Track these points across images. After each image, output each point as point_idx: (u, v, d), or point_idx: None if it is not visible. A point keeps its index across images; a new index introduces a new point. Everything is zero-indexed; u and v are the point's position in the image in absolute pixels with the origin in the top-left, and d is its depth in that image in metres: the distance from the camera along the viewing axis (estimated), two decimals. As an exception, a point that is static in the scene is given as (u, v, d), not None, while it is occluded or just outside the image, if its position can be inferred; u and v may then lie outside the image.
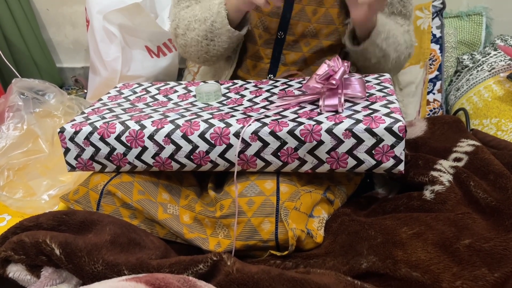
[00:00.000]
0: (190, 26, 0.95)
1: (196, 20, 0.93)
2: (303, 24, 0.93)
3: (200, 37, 0.94)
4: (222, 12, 0.89)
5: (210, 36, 0.93)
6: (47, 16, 1.70)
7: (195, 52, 0.99)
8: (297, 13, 0.93)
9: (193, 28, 0.95)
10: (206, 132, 0.73)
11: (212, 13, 0.90)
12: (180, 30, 0.98)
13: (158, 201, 0.77)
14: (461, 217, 0.68)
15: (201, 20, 0.92)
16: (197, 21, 0.93)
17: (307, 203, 0.73)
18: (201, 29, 0.93)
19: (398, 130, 0.69)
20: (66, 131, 0.78)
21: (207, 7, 0.91)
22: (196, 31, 0.94)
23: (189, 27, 0.96)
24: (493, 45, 1.28)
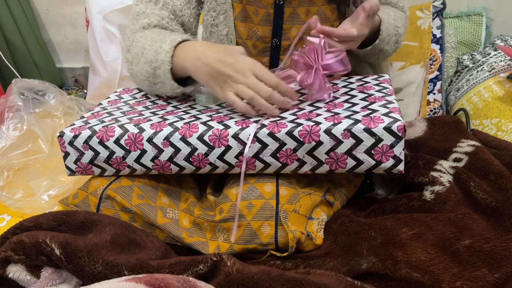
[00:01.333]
0: (137, 59, 0.84)
1: (143, 55, 0.83)
2: (297, 27, 0.91)
3: (143, 76, 0.85)
4: (166, 63, 0.79)
5: (152, 80, 0.84)
6: (47, 16, 1.71)
7: (139, 84, 0.90)
8: (289, 17, 0.90)
9: (138, 62, 0.84)
10: (205, 134, 0.73)
11: (157, 58, 0.80)
12: (129, 56, 0.88)
13: (158, 205, 0.77)
14: (461, 217, 0.68)
15: (147, 60, 0.82)
16: (143, 57, 0.83)
17: (307, 205, 0.73)
18: (145, 69, 0.83)
19: (397, 129, 0.68)
20: (66, 135, 0.78)
21: (154, 50, 0.80)
22: (140, 66, 0.84)
23: (136, 60, 0.85)
24: (493, 46, 1.28)
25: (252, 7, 0.90)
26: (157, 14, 0.88)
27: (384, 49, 0.92)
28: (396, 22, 0.93)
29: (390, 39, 0.91)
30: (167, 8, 0.89)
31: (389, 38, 0.91)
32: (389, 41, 0.91)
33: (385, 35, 0.88)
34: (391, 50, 0.95)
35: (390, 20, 0.91)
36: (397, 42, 0.95)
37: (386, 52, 0.94)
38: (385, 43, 0.90)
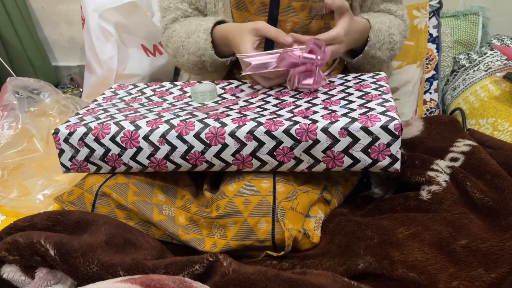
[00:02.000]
0: (179, 52, 0.96)
1: (184, 48, 0.94)
2: (292, 21, 0.92)
3: (190, 64, 0.96)
4: (208, 49, 0.90)
5: (200, 65, 0.94)
6: (42, 14, 1.69)
7: (187, 71, 1.01)
8: (285, 9, 0.91)
9: (182, 54, 0.95)
10: (201, 132, 0.73)
11: (199, 47, 0.91)
12: (169, 50, 1.00)
13: (154, 202, 0.77)
14: (457, 217, 0.68)
15: (190, 51, 0.93)
16: (185, 50, 0.94)
17: (304, 203, 0.73)
18: (191, 59, 0.94)
19: (394, 128, 0.68)
20: (61, 132, 0.77)
21: (194, 41, 0.91)
22: (185, 57, 0.95)
23: (178, 52, 0.96)
24: (490, 45, 1.28)
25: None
26: (180, 7, 0.99)
27: (376, 55, 0.92)
28: (391, 29, 0.93)
29: (382, 46, 0.92)
30: (184, 0, 0.99)
31: (380, 44, 0.91)
32: (380, 47, 0.92)
33: (374, 41, 0.90)
34: (386, 57, 0.95)
35: (383, 27, 0.91)
36: (392, 49, 0.95)
37: (380, 60, 0.94)
38: (376, 49, 0.91)
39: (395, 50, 0.96)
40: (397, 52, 0.98)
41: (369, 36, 0.89)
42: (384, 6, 0.99)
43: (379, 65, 0.96)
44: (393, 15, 0.99)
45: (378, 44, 0.91)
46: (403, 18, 1.00)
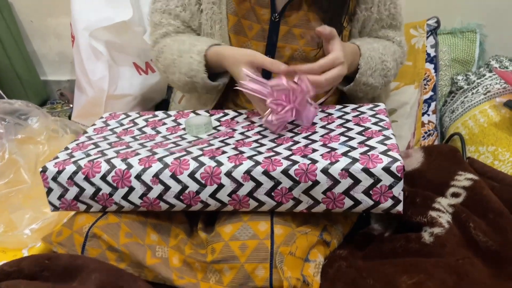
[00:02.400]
0: (170, 69, 0.93)
1: (176, 66, 0.91)
2: (291, 47, 0.90)
3: (181, 83, 0.92)
4: (201, 72, 0.87)
5: (191, 85, 0.91)
6: (31, 28, 1.66)
7: (177, 88, 0.99)
8: (284, 35, 0.89)
9: (173, 71, 0.92)
10: (196, 172, 0.70)
11: (191, 69, 0.88)
12: (160, 66, 0.97)
13: (147, 244, 0.74)
14: (461, 263, 0.66)
15: (181, 71, 0.90)
16: (177, 67, 0.90)
17: (303, 246, 0.71)
18: (182, 79, 0.91)
19: (396, 170, 0.66)
20: (49, 171, 0.74)
21: (186, 62, 0.88)
22: (176, 76, 0.92)
23: (169, 70, 0.93)
24: (488, 66, 1.26)
25: (247, 22, 0.90)
26: (172, 24, 0.95)
27: (368, 82, 0.90)
28: (384, 56, 0.91)
29: (374, 73, 0.90)
30: (178, 18, 0.95)
31: (372, 71, 0.89)
32: (372, 74, 0.89)
33: (365, 68, 0.88)
34: (379, 84, 0.92)
35: (374, 55, 0.89)
36: (386, 76, 0.93)
37: (373, 87, 0.92)
38: (368, 76, 0.89)
39: (389, 76, 0.94)
40: (391, 78, 0.96)
41: (359, 64, 0.87)
42: (382, 33, 0.97)
43: (372, 91, 0.93)
44: (390, 41, 0.97)
45: (370, 71, 0.89)
46: (401, 45, 0.98)
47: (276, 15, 0.89)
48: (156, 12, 0.96)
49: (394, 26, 0.97)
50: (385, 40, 0.97)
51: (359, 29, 0.95)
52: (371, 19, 0.93)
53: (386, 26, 0.96)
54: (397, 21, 0.97)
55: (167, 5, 0.94)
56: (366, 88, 0.91)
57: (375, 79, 0.91)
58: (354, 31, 0.94)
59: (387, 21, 0.95)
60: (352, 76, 0.89)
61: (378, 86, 0.93)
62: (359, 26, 0.94)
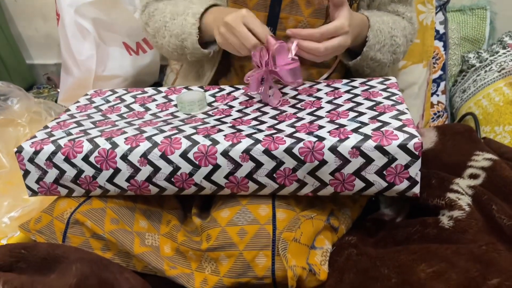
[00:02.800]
0: (160, 32, 0.86)
1: (167, 29, 0.84)
2: (294, 18, 0.82)
3: (170, 48, 0.86)
4: (193, 34, 0.80)
5: (180, 51, 0.85)
6: (15, 8, 1.57)
7: (166, 54, 0.92)
8: (288, 5, 0.82)
9: (163, 35, 0.86)
10: (189, 151, 0.63)
11: (183, 31, 0.81)
12: (150, 29, 0.90)
13: (135, 231, 0.67)
14: (485, 250, 0.59)
15: (172, 33, 0.84)
16: (167, 31, 0.84)
17: (309, 232, 0.64)
18: (172, 41, 0.85)
19: (414, 147, 0.59)
20: (24, 151, 0.67)
21: (179, 24, 0.82)
22: (166, 39, 0.86)
23: (159, 33, 0.87)
24: (501, 43, 1.19)
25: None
26: None
27: (376, 58, 0.84)
28: (394, 31, 0.85)
29: (383, 48, 0.83)
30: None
31: (380, 46, 0.83)
32: (381, 49, 0.83)
33: (374, 42, 0.81)
34: (387, 60, 0.86)
35: (384, 27, 0.83)
36: (395, 52, 0.87)
37: (381, 63, 0.86)
38: (376, 51, 0.83)
39: (398, 53, 0.88)
40: (400, 56, 0.90)
41: (367, 36, 0.81)
42: (391, 7, 0.91)
43: (379, 68, 0.87)
44: (400, 17, 0.90)
45: (378, 45, 0.82)
46: (411, 21, 0.92)
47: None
48: None
49: (405, 1, 0.91)
50: (394, 15, 0.90)
51: (368, 2, 0.89)
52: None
53: (396, 0, 0.90)
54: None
55: None
56: (373, 64, 0.85)
57: (384, 54, 0.84)
58: (363, 4, 0.88)
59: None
60: (359, 50, 0.82)
61: (386, 62, 0.87)
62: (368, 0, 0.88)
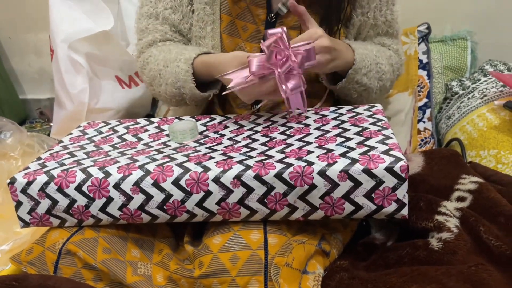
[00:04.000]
0: (156, 81, 0.87)
1: (162, 77, 0.85)
2: None
3: (168, 95, 0.86)
4: (189, 82, 0.81)
5: (179, 97, 0.85)
6: (9, 45, 1.60)
7: (164, 101, 0.91)
8: None
9: (159, 83, 0.86)
10: (181, 178, 0.64)
11: (178, 79, 0.82)
12: (145, 78, 0.91)
13: (127, 260, 0.67)
14: (474, 270, 0.60)
15: (168, 82, 0.84)
16: (163, 79, 0.85)
17: (300, 257, 0.64)
18: (169, 90, 0.85)
19: (400, 170, 0.61)
20: (17, 182, 0.67)
21: (173, 72, 0.83)
22: (163, 88, 0.86)
23: (155, 81, 0.87)
24: (482, 71, 1.23)
25: (242, 22, 0.86)
26: (160, 29, 0.90)
27: (362, 82, 0.85)
28: (379, 58, 0.87)
29: (369, 72, 0.85)
30: (166, 22, 0.90)
31: (367, 70, 0.84)
32: (367, 73, 0.85)
33: (360, 65, 0.83)
34: (374, 87, 0.87)
35: (368, 53, 0.85)
36: (381, 79, 0.88)
37: (368, 88, 0.87)
38: (362, 75, 0.84)
39: (384, 81, 0.89)
40: (387, 84, 0.91)
41: (354, 59, 0.82)
42: (378, 40, 0.93)
43: (366, 94, 0.88)
44: (385, 48, 0.93)
45: (364, 69, 0.84)
46: (397, 52, 0.94)
47: (272, 16, 0.85)
48: (143, 18, 0.91)
49: (391, 34, 0.94)
50: (380, 46, 0.93)
51: (355, 35, 0.92)
52: (367, 24, 0.90)
53: (382, 33, 0.93)
54: (394, 29, 0.93)
55: (155, 8, 0.89)
56: (360, 88, 0.86)
57: (370, 80, 0.86)
58: (350, 36, 0.91)
59: (383, 28, 0.92)
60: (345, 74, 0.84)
61: (373, 88, 0.88)
62: (354, 32, 0.91)
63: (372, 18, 0.89)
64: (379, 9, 0.89)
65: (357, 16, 0.88)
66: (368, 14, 0.89)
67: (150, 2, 0.90)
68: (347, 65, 0.82)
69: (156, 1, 0.89)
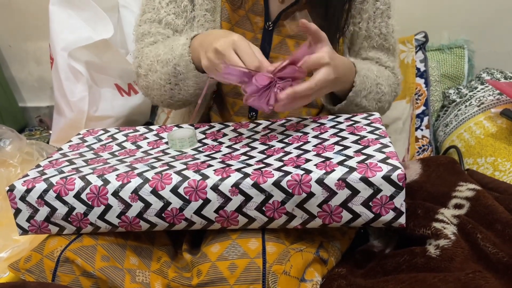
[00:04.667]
0: (152, 67, 0.83)
1: (159, 61, 0.82)
2: (283, 57, 0.86)
3: (162, 80, 0.82)
4: (185, 55, 0.77)
5: (173, 80, 0.81)
6: (9, 53, 1.61)
7: (157, 96, 0.87)
8: (277, 45, 0.86)
9: (155, 69, 0.83)
10: (180, 186, 0.64)
11: (174, 55, 0.79)
12: (142, 70, 0.87)
13: (125, 268, 0.67)
14: (472, 277, 0.60)
15: (163, 62, 0.81)
16: (160, 62, 0.81)
17: (298, 265, 0.64)
18: (163, 71, 0.81)
19: (397, 179, 0.61)
20: (16, 190, 0.67)
21: (170, 48, 0.80)
22: (158, 73, 0.82)
23: (151, 68, 0.84)
24: (479, 79, 1.24)
25: (240, 30, 0.87)
26: (162, 32, 0.88)
27: (362, 104, 0.84)
28: (379, 79, 0.86)
29: (369, 94, 0.84)
30: (169, 27, 0.89)
31: (367, 92, 0.83)
32: (366, 95, 0.84)
33: (360, 88, 0.82)
34: (372, 108, 0.87)
35: (370, 75, 0.84)
36: (380, 100, 0.87)
37: (366, 110, 0.86)
38: (362, 97, 0.83)
39: (383, 102, 0.89)
40: (385, 105, 0.90)
41: (354, 81, 0.81)
42: (373, 54, 0.92)
43: None
44: (383, 67, 0.92)
45: (364, 91, 0.83)
46: (394, 71, 0.93)
47: (269, 24, 0.86)
48: (145, 24, 0.90)
49: (387, 49, 0.92)
50: (376, 64, 0.92)
51: (348, 45, 0.92)
52: (360, 35, 0.90)
53: (376, 46, 0.91)
54: (389, 43, 0.92)
55: (158, 14, 0.88)
56: (358, 110, 0.86)
57: (369, 102, 0.85)
58: (344, 47, 0.91)
59: (378, 40, 0.91)
60: (344, 95, 0.83)
61: (371, 110, 0.87)
62: (347, 42, 0.91)
63: (365, 29, 0.89)
64: (372, 20, 0.88)
65: (348, 25, 0.88)
66: (360, 24, 0.88)
67: (152, 9, 0.89)
68: (347, 87, 0.81)
69: (159, 7, 0.88)
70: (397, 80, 0.94)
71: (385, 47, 0.92)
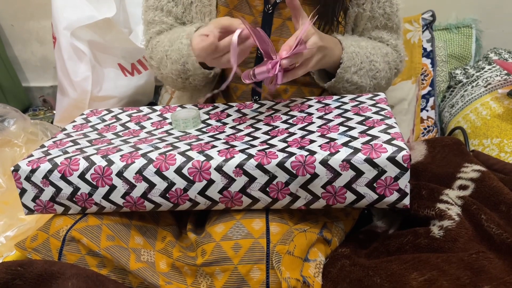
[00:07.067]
0: (163, 62, 0.87)
1: (168, 57, 0.85)
2: (284, 41, 0.84)
3: (174, 75, 0.86)
4: (191, 55, 0.79)
5: (184, 76, 0.85)
6: (12, 32, 1.60)
7: (172, 85, 0.92)
8: (278, 28, 0.85)
9: (165, 64, 0.87)
10: (184, 167, 0.64)
11: (182, 55, 0.81)
12: (153, 62, 0.91)
13: (130, 247, 0.67)
14: (475, 257, 0.60)
15: (173, 59, 0.84)
16: (169, 59, 0.85)
17: (302, 245, 0.65)
18: (174, 68, 0.85)
19: (402, 160, 0.61)
20: (21, 170, 0.67)
21: (176, 48, 0.82)
22: (169, 68, 0.86)
23: (162, 63, 0.88)
24: (487, 59, 1.22)
25: (239, 14, 0.85)
26: (165, 21, 0.91)
27: (353, 81, 0.83)
28: (373, 56, 0.85)
29: (360, 71, 0.83)
30: (170, 14, 0.91)
31: (357, 68, 0.82)
32: (357, 71, 0.83)
33: (349, 64, 0.81)
34: (366, 85, 0.86)
35: (360, 51, 0.83)
36: (375, 77, 0.86)
37: (360, 87, 0.85)
38: (352, 74, 0.82)
39: (379, 79, 0.87)
40: (382, 82, 0.89)
41: (341, 58, 0.80)
42: (375, 33, 0.91)
43: (359, 92, 0.86)
44: (384, 43, 0.91)
45: (354, 68, 0.82)
46: (396, 49, 0.92)
47: (269, 6, 0.84)
48: (149, 10, 0.92)
49: (390, 28, 0.91)
50: (377, 41, 0.91)
51: (352, 27, 0.90)
52: (363, 16, 0.88)
53: (380, 26, 0.90)
54: (393, 22, 0.90)
55: (159, 1, 0.90)
56: (351, 87, 0.85)
57: (362, 78, 0.84)
58: (347, 28, 0.89)
59: (382, 20, 0.89)
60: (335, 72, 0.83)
61: (366, 86, 0.86)
62: (351, 23, 0.89)
63: (369, 10, 0.87)
64: (376, 1, 0.87)
65: (352, 7, 0.86)
66: (364, 5, 0.86)
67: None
68: (336, 63, 0.81)
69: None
70: (399, 57, 0.93)
71: (388, 26, 0.91)
